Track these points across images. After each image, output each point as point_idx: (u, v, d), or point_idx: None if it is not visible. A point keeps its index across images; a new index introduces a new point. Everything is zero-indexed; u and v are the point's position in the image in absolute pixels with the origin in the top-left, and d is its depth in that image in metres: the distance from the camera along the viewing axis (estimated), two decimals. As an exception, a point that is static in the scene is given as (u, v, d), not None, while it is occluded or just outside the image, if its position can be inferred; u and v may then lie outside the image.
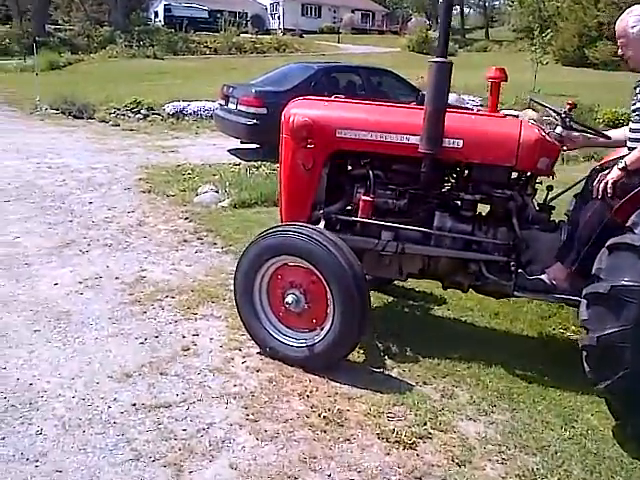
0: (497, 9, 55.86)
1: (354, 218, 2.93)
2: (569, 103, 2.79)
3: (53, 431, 2.31)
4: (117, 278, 3.84)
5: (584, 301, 2.39)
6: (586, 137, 2.88)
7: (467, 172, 2.90)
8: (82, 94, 12.22)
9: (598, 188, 2.55)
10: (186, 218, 5.25)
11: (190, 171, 6.96)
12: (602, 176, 2.60)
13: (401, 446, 2.31)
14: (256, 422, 2.42)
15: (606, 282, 2.30)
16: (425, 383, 2.78)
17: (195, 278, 3.90)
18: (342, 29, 41.37)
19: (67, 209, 5.38)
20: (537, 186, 2.93)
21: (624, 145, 2.71)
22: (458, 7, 48.94)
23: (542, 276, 2.75)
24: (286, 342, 2.85)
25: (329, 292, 2.66)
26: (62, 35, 28.05)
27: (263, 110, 7.73)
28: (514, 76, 2.97)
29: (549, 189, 2.95)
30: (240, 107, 8.06)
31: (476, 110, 3.45)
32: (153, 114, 11.68)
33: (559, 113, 2.79)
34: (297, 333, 2.85)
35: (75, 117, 11.42)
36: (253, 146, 8.57)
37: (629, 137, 2.65)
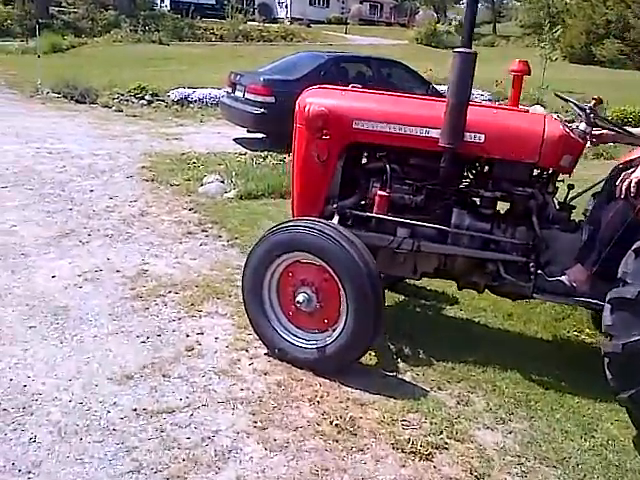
0: (505, 4, 55.60)
1: (369, 214, 2.85)
2: (594, 98, 2.70)
3: (48, 438, 2.17)
4: (118, 271, 3.72)
5: (608, 306, 2.33)
6: (610, 134, 2.82)
7: (487, 168, 2.84)
8: (85, 78, 12.04)
9: (622, 187, 2.51)
10: (190, 209, 5.12)
11: (195, 160, 6.83)
12: (626, 175, 2.56)
13: (417, 457, 2.22)
14: (264, 430, 2.30)
15: (633, 287, 2.25)
16: (440, 388, 2.70)
17: (199, 272, 3.79)
18: (350, 20, 41.30)
19: (67, 197, 5.23)
20: (558, 184, 2.84)
21: None
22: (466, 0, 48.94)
23: (562, 278, 2.68)
24: (296, 343, 2.75)
25: (342, 291, 2.58)
26: (66, 18, 27.76)
27: (271, 99, 7.66)
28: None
29: (570, 187, 2.90)
30: (248, 95, 7.94)
31: (497, 104, 3.35)
32: (157, 100, 11.54)
33: (584, 109, 2.70)
34: (308, 334, 2.76)
35: (77, 101, 11.27)
36: (259, 135, 8.47)
37: None
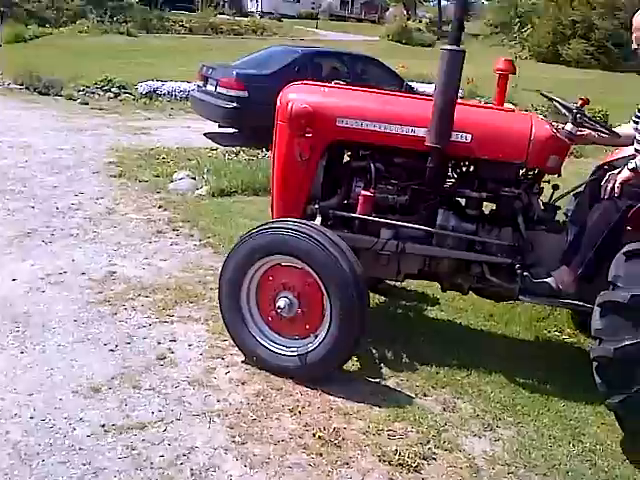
0: (473, 3, 56.54)
1: (352, 214, 2.77)
2: (581, 99, 2.70)
3: (6, 461, 1.99)
4: (83, 274, 3.54)
5: (598, 309, 2.31)
6: (593, 135, 2.81)
7: (473, 168, 2.81)
8: (49, 69, 11.61)
9: (606, 188, 2.51)
10: (160, 207, 4.96)
11: (164, 155, 6.65)
12: (612, 176, 2.57)
13: (404, 469, 2.15)
14: (243, 445, 2.18)
15: (625, 291, 2.22)
16: (425, 394, 2.65)
17: (170, 274, 3.64)
18: (320, 15, 41.30)
19: (29, 193, 5.00)
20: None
21: (632, 144, 2.67)
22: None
23: (548, 280, 2.66)
24: (275, 350, 2.63)
25: (326, 295, 2.48)
26: (29, 7, 26.79)
27: (244, 93, 7.54)
28: (491, 70, 2.91)
29: (555, 188, 2.89)
30: (220, 89, 7.77)
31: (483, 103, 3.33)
32: (125, 93, 11.23)
33: (571, 109, 2.69)
34: (288, 340, 2.65)
35: (41, 93, 10.86)
36: (231, 130, 8.33)
37: (637, 138, 2.61)
